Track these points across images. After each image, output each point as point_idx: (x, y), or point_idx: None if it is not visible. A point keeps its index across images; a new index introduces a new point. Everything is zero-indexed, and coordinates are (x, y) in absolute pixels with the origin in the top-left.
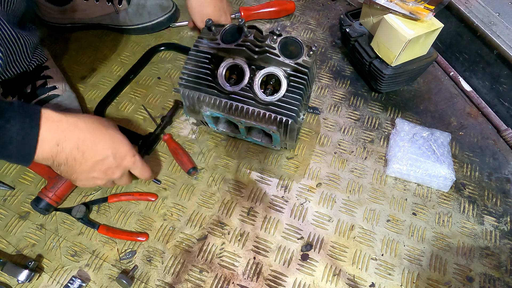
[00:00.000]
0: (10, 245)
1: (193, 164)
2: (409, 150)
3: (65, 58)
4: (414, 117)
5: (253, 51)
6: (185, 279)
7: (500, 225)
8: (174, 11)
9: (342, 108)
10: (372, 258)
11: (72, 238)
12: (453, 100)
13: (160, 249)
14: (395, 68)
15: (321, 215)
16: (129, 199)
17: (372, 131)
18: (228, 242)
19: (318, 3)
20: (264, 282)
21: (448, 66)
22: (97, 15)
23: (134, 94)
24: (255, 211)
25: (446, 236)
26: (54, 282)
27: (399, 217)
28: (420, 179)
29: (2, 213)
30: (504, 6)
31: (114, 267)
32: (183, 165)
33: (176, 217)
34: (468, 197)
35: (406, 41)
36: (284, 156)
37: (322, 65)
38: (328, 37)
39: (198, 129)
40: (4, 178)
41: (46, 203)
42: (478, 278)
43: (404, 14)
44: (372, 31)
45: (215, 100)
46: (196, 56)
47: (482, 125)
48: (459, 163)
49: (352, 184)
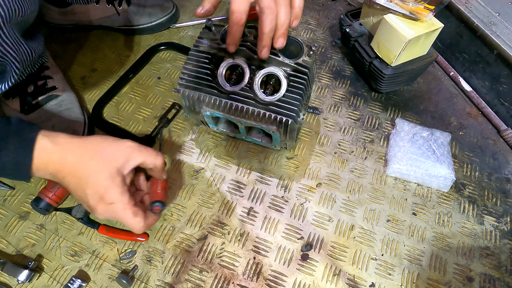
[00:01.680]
0: (10, 245)
1: (163, 198)
2: (409, 150)
3: (65, 58)
4: (414, 117)
5: (253, 51)
6: (185, 279)
7: (500, 225)
8: (175, 12)
9: (342, 108)
10: (372, 258)
11: (72, 238)
12: (453, 100)
13: (160, 249)
14: (395, 68)
15: (321, 215)
16: None
17: (372, 131)
18: (228, 242)
19: (318, 3)
20: (264, 282)
21: (448, 66)
22: (98, 17)
23: (134, 94)
24: (255, 211)
25: (446, 236)
26: (54, 282)
27: (399, 217)
28: (420, 179)
29: (2, 213)
30: (504, 6)
31: (114, 267)
32: (152, 194)
33: (176, 217)
34: (468, 197)
35: (406, 41)
36: (284, 156)
37: (322, 65)
38: (328, 37)
39: (198, 129)
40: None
41: (46, 203)
42: (478, 278)
43: (404, 14)
44: (372, 31)
45: (215, 100)
46: (196, 56)
47: (482, 125)
48: (459, 163)
49: (352, 184)
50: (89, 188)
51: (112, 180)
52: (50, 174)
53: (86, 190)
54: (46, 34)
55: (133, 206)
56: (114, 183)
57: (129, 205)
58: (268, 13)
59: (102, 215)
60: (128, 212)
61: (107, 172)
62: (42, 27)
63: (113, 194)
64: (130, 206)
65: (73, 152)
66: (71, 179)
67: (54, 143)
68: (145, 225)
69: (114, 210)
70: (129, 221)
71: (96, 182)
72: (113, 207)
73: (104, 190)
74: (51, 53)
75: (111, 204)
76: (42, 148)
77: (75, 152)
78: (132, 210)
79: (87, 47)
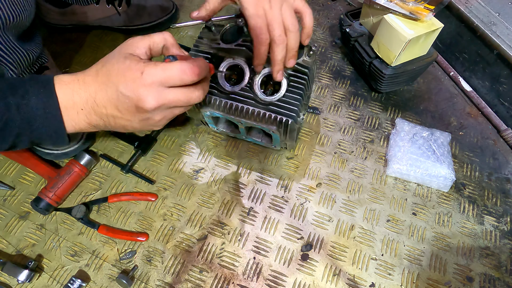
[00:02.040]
0: (10, 245)
1: None
2: (409, 150)
3: (65, 58)
4: (414, 117)
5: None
6: (185, 279)
7: (500, 225)
8: (174, 12)
9: (342, 108)
10: (372, 258)
11: (72, 238)
12: (453, 100)
13: (160, 249)
14: (395, 68)
15: (321, 215)
16: (129, 199)
17: (372, 131)
18: (228, 242)
19: (318, 3)
20: (264, 282)
21: (448, 66)
22: (98, 18)
23: None
24: (255, 211)
25: (446, 236)
26: (54, 282)
27: (399, 217)
28: (420, 179)
29: (2, 213)
30: (504, 6)
31: (114, 267)
32: None
33: (176, 217)
34: (468, 197)
35: (406, 41)
36: (284, 156)
37: (322, 65)
38: (328, 37)
39: (198, 129)
40: (4, 178)
41: (46, 203)
42: (478, 278)
43: (404, 14)
44: (372, 31)
45: (215, 100)
46: (196, 56)
47: (482, 125)
48: (459, 163)
49: (352, 184)
50: (126, 82)
51: (135, 62)
52: (81, 107)
53: (120, 99)
54: (46, 34)
55: (169, 63)
56: (138, 63)
57: (167, 64)
58: (279, 43)
59: (156, 98)
60: (173, 67)
61: (128, 61)
62: (42, 27)
63: (148, 69)
64: (169, 64)
65: (87, 73)
66: (97, 100)
67: (71, 74)
68: (196, 66)
69: (161, 77)
70: (182, 74)
71: (125, 73)
72: (158, 76)
73: (137, 70)
74: (51, 53)
75: (154, 77)
76: (60, 81)
77: (89, 72)
78: (174, 64)
79: (87, 47)
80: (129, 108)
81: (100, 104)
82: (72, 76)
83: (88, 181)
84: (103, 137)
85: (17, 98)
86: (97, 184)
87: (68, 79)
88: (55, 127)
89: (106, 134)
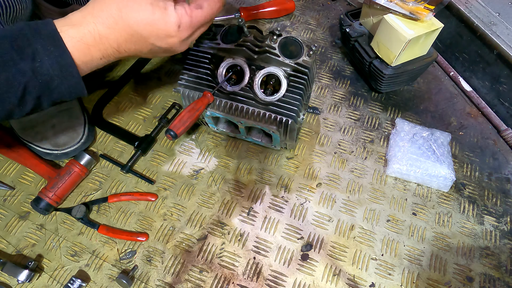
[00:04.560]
0: (10, 245)
1: None
2: (409, 150)
3: None
4: (414, 117)
5: (253, 51)
6: (185, 279)
7: (500, 225)
8: None
9: (342, 108)
10: (372, 258)
11: (72, 238)
12: (453, 100)
13: (160, 249)
14: (395, 68)
15: (321, 215)
16: (129, 199)
17: (372, 131)
18: (228, 242)
19: (318, 3)
20: (264, 282)
21: (448, 66)
22: None
23: (134, 94)
24: (255, 211)
25: (446, 236)
26: (54, 282)
27: (399, 217)
28: (420, 179)
29: (2, 213)
30: (504, 6)
31: (114, 267)
32: None
33: (176, 217)
34: (468, 197)
35: (406, 41)
36: (284, 156)
37: (322, 65)
38: (328, 37)
39: (198, 129)
40: (4, 178)
41: (46, 203)
42: (478, 278)
43: (404, 14)
44: (372, 31)
45: (215, 100)
46: (196, 56)
47: (482, 125)
48: (459, 163)
49: (352, 184)
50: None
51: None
52: (101, 58)
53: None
54: None
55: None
56: (170, 15)
57: (198, 11)
58: None
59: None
60: (204, 13)
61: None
62: None
63: (183, 22)
64: (199, 11)
65: (99, 20)
66: (121, 45)
67: (77, 31)
68: None
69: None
70: (212, 15)
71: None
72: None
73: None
74: None
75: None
76: (72, 40)
77: (101, 20)
78: (204, 10)
79: None
80: (159, 51)
81: (123, 51)
82: (80, 29)
83: (88, 181)
84: (103, 137)
85: (28, 62)
86: (97, 184)
87: (77, 34)
88: (74, 83)
89: (106, 134)
